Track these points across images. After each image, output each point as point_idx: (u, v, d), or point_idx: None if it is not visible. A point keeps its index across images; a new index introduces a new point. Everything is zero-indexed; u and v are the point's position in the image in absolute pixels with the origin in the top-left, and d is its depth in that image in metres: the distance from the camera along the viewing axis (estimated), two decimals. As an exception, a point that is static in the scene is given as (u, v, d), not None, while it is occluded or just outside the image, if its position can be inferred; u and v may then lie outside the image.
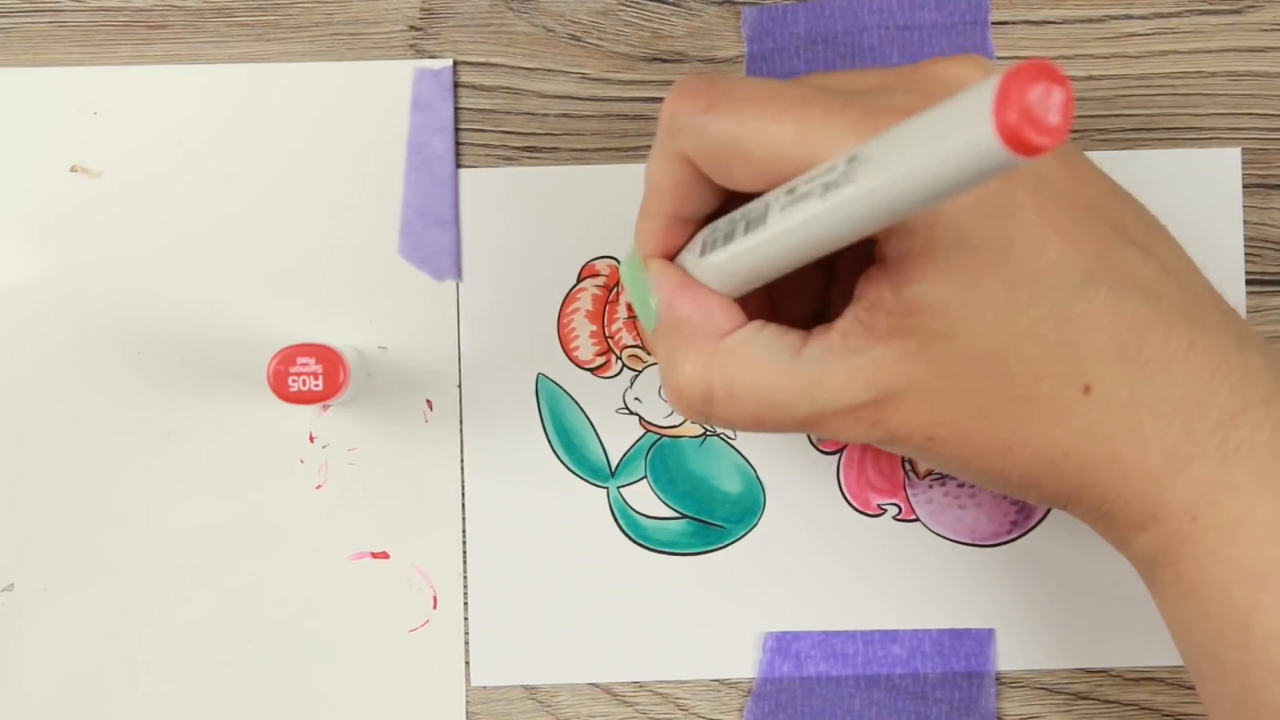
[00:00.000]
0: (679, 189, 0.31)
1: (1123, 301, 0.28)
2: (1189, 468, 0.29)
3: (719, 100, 0.29)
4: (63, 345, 0.40)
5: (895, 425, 0.29)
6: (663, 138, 0.30)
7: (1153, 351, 0.28)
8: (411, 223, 0.40)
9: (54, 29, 0.40)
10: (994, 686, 0.40)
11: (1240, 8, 0.40)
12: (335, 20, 0.40)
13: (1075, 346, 0.28)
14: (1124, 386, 0.28)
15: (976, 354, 0.28)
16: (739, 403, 0.30)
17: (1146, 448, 0.29)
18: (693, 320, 0.31)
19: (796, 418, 0.30)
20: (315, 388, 0.36)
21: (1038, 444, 0.29)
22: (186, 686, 0.40)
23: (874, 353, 0.29)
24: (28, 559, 0.40)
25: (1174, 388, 0.29)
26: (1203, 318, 0.29)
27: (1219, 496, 0.29)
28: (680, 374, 0.31)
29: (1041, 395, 0.29)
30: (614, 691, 0.40)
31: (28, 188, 0.40)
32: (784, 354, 0.30)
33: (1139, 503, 0.29)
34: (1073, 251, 0.28)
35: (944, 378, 0.29)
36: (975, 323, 0.28)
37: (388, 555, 0.40)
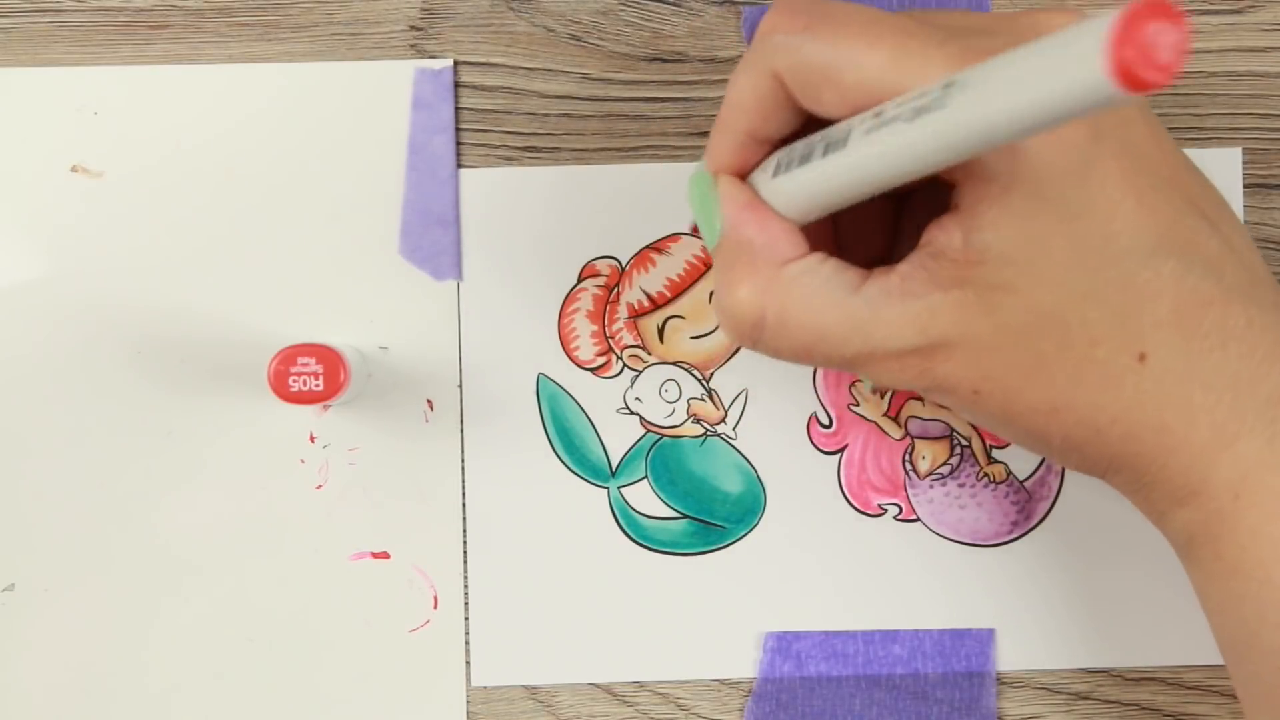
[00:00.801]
0: (761, 106, 0.30)
1: (1188, 274, 0.28)
2: (1236, 445, 0.29)
3: (817, 21, 0.29)
4: (63, 345, 0.40)
5: (943, 375, 0.29)
6: (755, 52, 0.30)
7: (1211, 326, 0.28)
8: (412, 223, 0.40)
9: (54, 29, 0.40)
10: (994, 686, 0.40)
11: (1240, 8, 0.40)
12: (335, 20, 0.40)
13: (1136, 313, 0.28)
14: (1179, 358, 0.28)
15: (1036, 310, 0.28)
16: (790, 333, 0.30)
17: (1195, 421, 0.29)
18: (756, 243, 0.30)
19: (845, 355, 0.30)
20: (316, 387, 0.36)
21: (1085, 408, 0.29)
22: (187, 686, 0.40)
23: (932, 299, 0.29)
24: (28, 559, 0.40)
25: (1228, 364, 0.28)
26: (1261, 298, 0.29)
27: (1265, 476, 0.29)
28: (735, 295, 0.30)
29: (1096, 359, 0.28)
30: (614, 691, 0.40)
31: (28, 188, 0.40)
32: (842, 290, 0.29)
33: (1182, 477, 0.29)
34: (1147, 219, 0.28)
35: (999, 331, 0.28)
36: (1040, 278, 0.28)
37: (388, 555, 0.40)
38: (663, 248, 0.40)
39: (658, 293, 0.40)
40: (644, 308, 0.40)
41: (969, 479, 0.40)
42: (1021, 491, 0.40)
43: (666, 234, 0.40)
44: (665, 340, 0.40)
